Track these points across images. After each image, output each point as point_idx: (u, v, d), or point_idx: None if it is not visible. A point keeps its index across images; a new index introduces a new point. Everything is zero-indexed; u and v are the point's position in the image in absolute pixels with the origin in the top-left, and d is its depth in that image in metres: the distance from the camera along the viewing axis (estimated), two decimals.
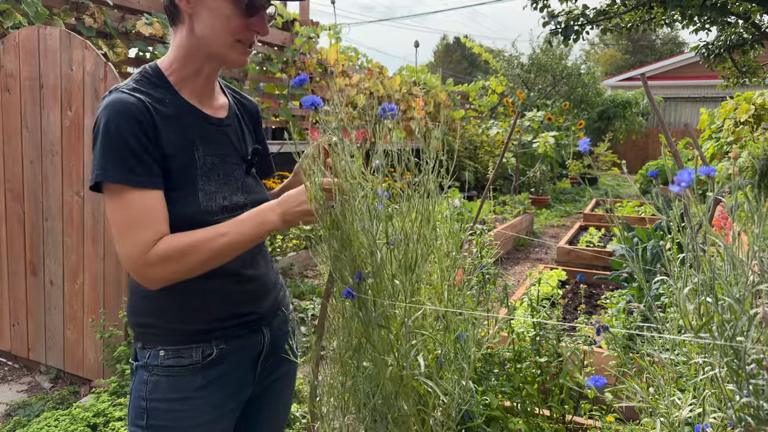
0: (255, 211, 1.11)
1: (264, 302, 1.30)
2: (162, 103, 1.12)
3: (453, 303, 1.14)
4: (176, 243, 1.05)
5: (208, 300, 1.19)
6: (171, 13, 1.15)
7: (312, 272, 5.36)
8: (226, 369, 1.23)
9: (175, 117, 1.13)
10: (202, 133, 1.17)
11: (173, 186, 1.10)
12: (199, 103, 1.20)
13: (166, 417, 1.17)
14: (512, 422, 1.93)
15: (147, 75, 1.15)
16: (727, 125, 6.32)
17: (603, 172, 13.30)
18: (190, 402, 1.18)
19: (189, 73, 1.17)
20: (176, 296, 1.17)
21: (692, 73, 18.37)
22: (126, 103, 1.05)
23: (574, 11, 5.69)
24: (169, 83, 1.16)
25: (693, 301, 0.88)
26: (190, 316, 1.19)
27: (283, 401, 1.43)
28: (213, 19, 1.11)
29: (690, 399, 0.95)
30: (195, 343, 1.19)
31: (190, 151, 1.14)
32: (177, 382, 1.17)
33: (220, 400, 1.22)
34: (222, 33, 1.12)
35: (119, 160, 1.03)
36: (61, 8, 4.03)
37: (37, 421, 2.61)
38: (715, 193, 0.90)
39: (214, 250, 1.06)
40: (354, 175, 1.03)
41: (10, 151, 3.30)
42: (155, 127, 1.08)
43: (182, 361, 1.17)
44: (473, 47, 15.77)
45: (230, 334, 1.23)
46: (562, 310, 3.55)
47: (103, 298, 3.03)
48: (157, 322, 1.19)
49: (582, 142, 0.94)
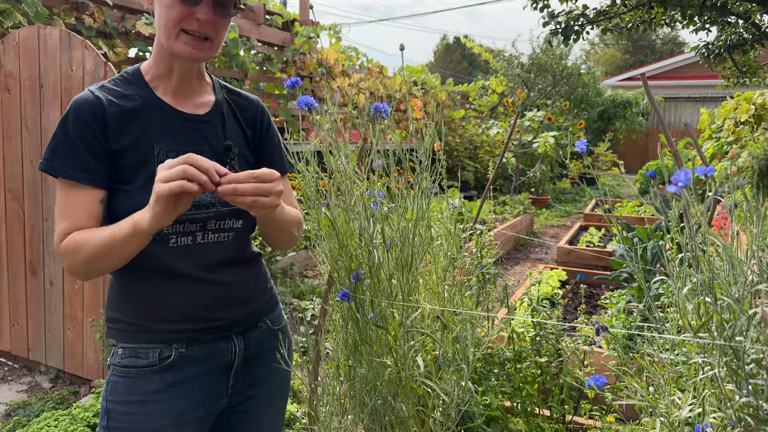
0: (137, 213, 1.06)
1: (235, 310, 1.24)
2: (127, 99, 1.14)
3: (452, 303, 1.14)
4: (74, 237, 1.08)
5: (168, 299, 1.16)
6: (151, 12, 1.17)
7: (312, 272, 5.36)
8: (192, 374, 1.19)
9: (137, 112, 1.14)
10: (168, 128, 1.16)
11: (128, 179, 1.12)
12: (173, 101, 1.19)
13: (123, 419, 1.15)
14: (512, 422, 1.93)
15: (126, 74, 1.19)
16: (727, 125, 6.32)
17: (603, 172, 13.30)
18: (147, 405, 1.15)
19: (161, 73, 1.19)
20: (137, 294, 1.17)
21: (692, 73, 18.37)
22: (81, 101, 1.11)
23: (574, 11, 5.69)
24: (144, 81, 1.18)
25: (692, 301, 0.88)
26: (148, 314, 1.17)
27: (269, 414, 1.36)
28: (159, 10, 1.13)
29: (690, 399, 0.95)
30: (152, 343, 1.16)
31: (148, 146, 1.13)
32: (134, 383, 1.15)
33: (181, 407, 1.17)
34: (167, 24, 1.11)
35: (59, 152, 1.10)
36: (61, 8, 4.03)
37: (36, 421, 2.61)
38: (714, 193, 0.90)
39: (96, 246, 1.05)
40: (349, 176, 1.03)
41: (10, 151, 3.30)
42: (105, 123, 1.11)
43: (138, 362, 1.15)
44: (473, 47, 15.78)
45: (193, 338, 1.19)
46: (562, 310, 3.54)
47: (103, 298, 3.03)
48: (119, 317, 1.19)
49: (579, 143, 0.94)
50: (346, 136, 1.06)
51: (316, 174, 1.10)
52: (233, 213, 1.19)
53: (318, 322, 1.23)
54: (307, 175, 1.06)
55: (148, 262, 1.14)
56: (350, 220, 1.03)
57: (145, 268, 1.15)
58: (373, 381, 1.09)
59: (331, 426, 1.19)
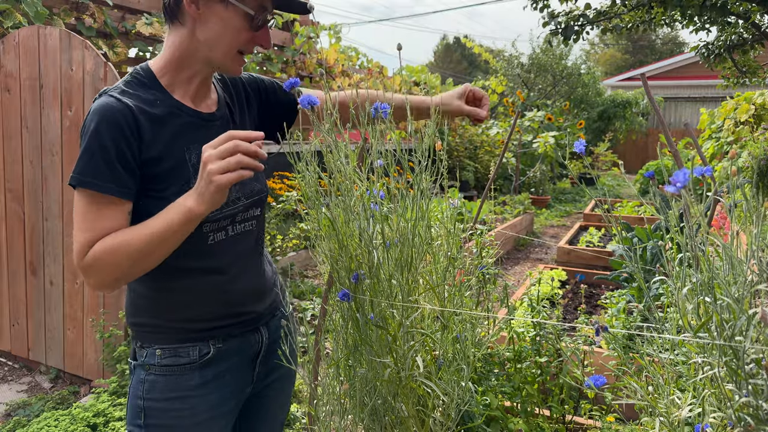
0: (176, 201, 1.07)
1: (262, 302, 1.30)
2: (152, 105, 1.11)
3: (452, 303, 1.14)
4: (105, 244, 1.04)
5: (204, 299, 1.19)
6: (171, 11, 1.12)
7: (312, 272, 5.36)
8: (225, 368, 1.23)
9: (164, 118, 1.11)
10: (193, 132, 1.15)
11: (162, 186, 1.10)
12: (192, 103, 1.18)
13: (163, 416, 1.17)
14: (512, 422, 1.93)
15: (138, 76, 1.14)
16: (727, 125, 6.31)
17: (603, 172, 13.29)
18: (188, 401, 1.18)
19: (183, 78, 1.16)
20: (172, 295, 1.17)
21: (692, 73, 18.36)
22: (112, 110, 1.05)
23: (574, 11, 5.69)
24: (160, 84, 1.14)
25: (692, 301, 0.88)
26: (187, 315, 1.19)
27: (281, 402, 1.43)
28: (221, 29, 1.10)
29: (690, 399, 0.95)
30: (192, 342, 1.19)
31: (180, 152, 1.12)
32: (175, 380, 1.18)
33: (218, 399, 1.22)
34: (228, 44, 1.12)
35: (93, 165, 1.04)
36: (61, 8, 4.03)
37: (37, 421, 2.61)
38: (713, 193, 0.90)
39: (141, 242, 1.03)
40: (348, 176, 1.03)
41: (10, 151, 3.30)
42: (139, 132, 1.07)
43: (180, 360, 1.18)
44: (473, 47, 15.76)
45: (228, 333, 1.23)
46: (562, 310, 3.54)
47: (103, 298, 3.03)
48: (154, 321, 1.19)
49: (577, 143, 0.94)
50: (345, 136, 1.06)
51: (316, 174, 1.10)
52: (254, 202, 1.24)
53: (318, 322, 1.23)
54: (308, 175, 1.06)
55: (186, 261, 1.15)
56: (350, 220, 1.03)
57: (181, 267, 1.15)
58: (373, 381, 1.09)
59: (331, 426, 1.19)
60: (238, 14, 1.10)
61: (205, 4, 1.09)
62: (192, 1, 1.08)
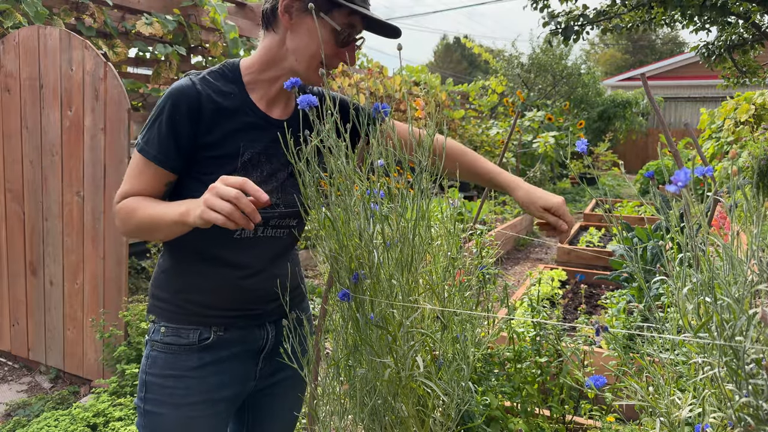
0: (185, 200, 1.13)
1: (269, 302, 1.31)
2: (224, 97, 1.18)
3: (452, 303, 1.14)
4: (129, 203, 1.16)
5: (215, 288, 1.24)
6: (267, 19, 1.21)
7: (312, 272, 5.36)
8: (226, 356, 1.27)
9: (232, 111, 1.19)
10: (254, 132, 1.21)
11: (209, 171, 1.17)
12: (265, 106, 1.24)
13: (160, 392, 1.24)
14: (512, 422, 1.93)
15: (225, 68, 1.22)
16: (727, 125, 6.32)
17: (603, 172, 13.30)
18: (183, 380, 1.23)
19: (264, 79, 1.23)
20: (187, 276, 1.24)
21: (692, 73, 18.37)
22: (181, 91, 1.15)
23: (574, 11, 5.69)
24: (241, 81, 1.22)
25: (692, 301, 0.88)
26: (196, 299, 1.24)
27: (289, 404, 1.44)
28: (309, 40, 1.17)
29: (690, 399, 0.95)
30: (194, 325, 1.24)
31: (235, 146, 1.19)
32: (174, 359, 1.24)
33: (215, 384, 1.26)
34: (312, 55, 1.18)
35: (148, 134, 1.16)
36: (61, 8, 4.03)
37: (36, 421, 2.61)
38: (713, 193, 0.90)
39: (144, 218, 1.13)
40: (348, 176, 1.03)
41: (10, 151, 3.30)
42: (200, 116, 1.15)
43: (180, 340, 1.24)
44: (473, 47, 15.77)
45: (230, 324, 1.27)
46: (562, 310, 3.54)
47: (103, 298, 3.03)
48: (165, 296, 1.26)
49: (580, 142, 0.94)
50: (345, 136, 1.06)
51: (316, 174, 1.10)
52: (292, 213, 1.28)
53: (318, 322, 1.24)
54: (308, 175, 1.06)
55: (209, 247, 1.21)
56: (350, 220, 1.03)
57: (204, 251, 1.22)
58: (373, 381, 1.09)
59: (331, 426, 1.19)
60: (326, 28, 1.17)
61: (298, 15, 1.17)
62: (286, 11, 1.16)
